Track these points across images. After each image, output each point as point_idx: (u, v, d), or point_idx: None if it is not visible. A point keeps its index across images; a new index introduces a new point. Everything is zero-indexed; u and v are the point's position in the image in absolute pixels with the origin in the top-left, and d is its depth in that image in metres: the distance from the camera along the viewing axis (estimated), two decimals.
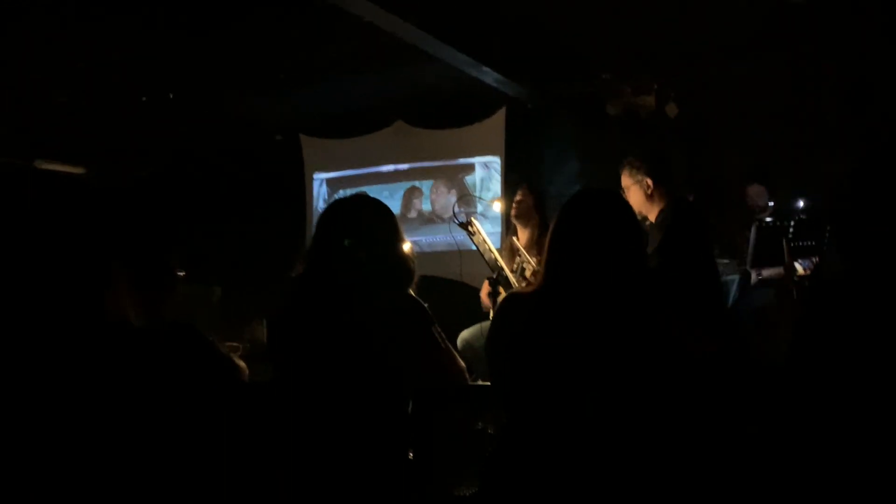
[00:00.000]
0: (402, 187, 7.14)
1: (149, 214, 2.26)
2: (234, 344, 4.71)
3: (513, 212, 4.45)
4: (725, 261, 4.58)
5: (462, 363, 2.29)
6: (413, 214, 7.06)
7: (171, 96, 5.99)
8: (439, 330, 2.26)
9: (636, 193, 3.49)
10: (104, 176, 7.23)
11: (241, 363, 2.41)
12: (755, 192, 5.23)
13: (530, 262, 3.95)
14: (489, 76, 5.46)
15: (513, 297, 2.13)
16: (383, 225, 2.25)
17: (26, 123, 6.36)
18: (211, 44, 5.21)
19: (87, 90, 5.86)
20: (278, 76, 5.83)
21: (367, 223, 2.23)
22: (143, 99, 6.03)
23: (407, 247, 2.32)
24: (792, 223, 4.47)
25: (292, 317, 2.25)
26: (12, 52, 5.13)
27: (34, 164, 6.91)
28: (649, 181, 3.47)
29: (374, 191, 7.11)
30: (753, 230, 4.49)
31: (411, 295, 2.25)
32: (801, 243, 4.46)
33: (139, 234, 2.14)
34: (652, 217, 3.47)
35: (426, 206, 7.01)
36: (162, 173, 7.32)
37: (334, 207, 2.32)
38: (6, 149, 6.76)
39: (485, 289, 4.33)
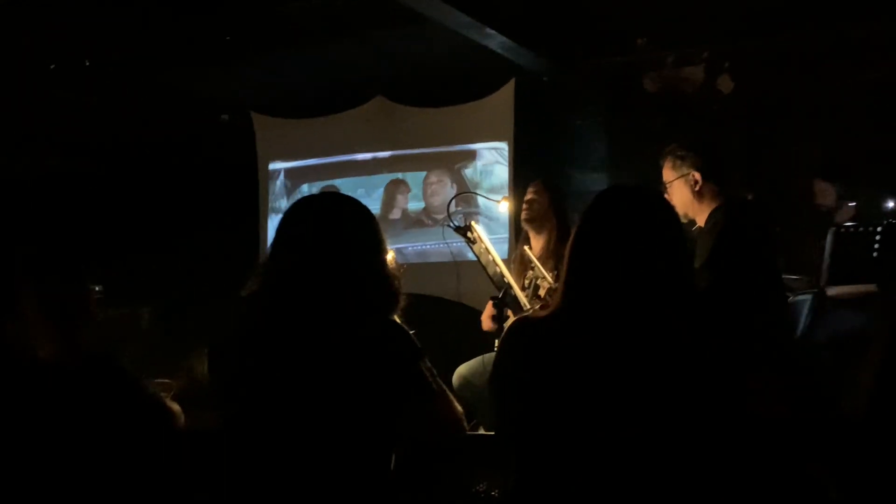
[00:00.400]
0: (382, 181, 7.16)
1: (58, 221, 2.26)
2: (167, 381, 4.71)
3: (524, 214, 4.45)
4: (794, 277, 4.59)
5: (459, 408, 2.29)
6: (396, 215, 7.06)
7: (88, 64, 5.97)
8: (430, 366, 2.26)
9: (681, 191, 3.50)
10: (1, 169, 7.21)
11: (175, 406, 2.41)
12: (820, 189, 5.29)
13: (546, 278, 3.96)
14: (494, 41, 5.48)
15: (523, 322, 2.13)
16: (361, 231, 2.24)
17: None
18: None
19: None
20: (224, 39, 5.83)
21: (340, 229, 2.23)
22: (52, 66, 6.02)
23: (389, 257, 2.33)
24: (879, 229, 4.49)
25: (244, 346, 2.24)
26: None
27: None
28: (697, 175, 3.48)
29: (348, 185, 7.13)
30: (830, 238, 4.51)
31: (395, 322, 2.25)
32: (889, 254, 4.47)
33: (46, 248, 2.14)
34: (701, 221, 3.48)
35: (413, 205, 7.01)
36: (75, 165, 7.30)
37: (297, 209, 2.30)
38: None
39: (488, 311, 4.33)
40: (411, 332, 2.25)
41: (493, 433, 2.63)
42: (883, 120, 5.49)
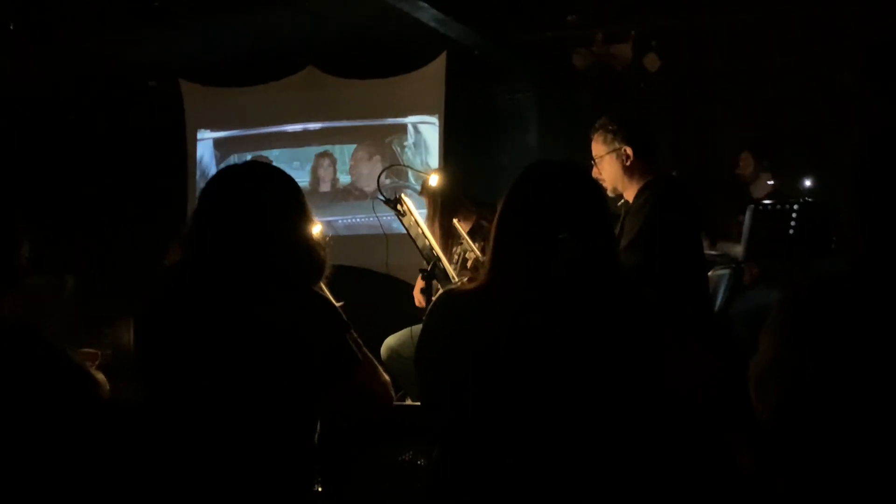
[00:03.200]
0: (312, 152, 7.10)
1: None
2: (91, 350, 4.62)
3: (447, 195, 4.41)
4: (714, 252, 4.66)
5: (386, 378, 2.29)
6: (326, 187, 7.02)
7: (11, 27, 5.82)
8: (356, 336, 2.25)
9: (611, 165, 3.49)
10: None
11: (100, 375, 2.38)
12: (742, 160, 5.39)
13: (474, 251, 3.96)
14: (426, 13, 5.45)
15: (450, 294, 2.14)
16: (283, 202, 2.22)
17: None
18: None
19: None
20: (153, 5, 5.72)
21: (264, 198, 2.20)
22: None
23: (317, 230, 2.31)
24: (795, 207, 4.57)
25: (165, 317, 2.21)
26: None
27: None
28: (629, 150, 3.47)
29: (282, 157, 7.06)
30: (748, 214, 4.58)
31: (320, 294, 2.24)
32: (805, 232, 4.56)
33: None
34: (629, 196, 3.48)
35: (344, 178, 6.98)
36: None
37: (222, 177, 2.28)
38: None
39: (419, 285, 4.33)
40: (338, 304, 2.24)
41: (419, 403, 2.62)
42: (803, 100, 5.60)
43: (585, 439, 1.86)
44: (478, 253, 3.92)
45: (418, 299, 4.42)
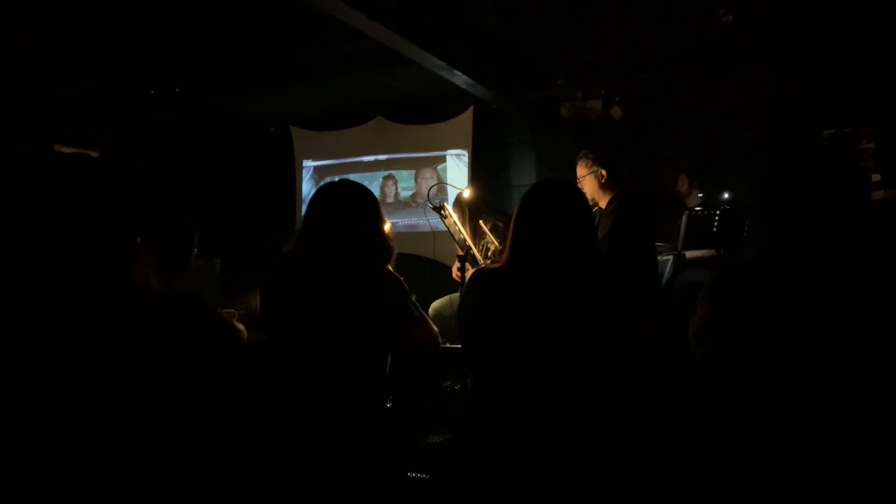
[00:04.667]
0: (380, 175, 7.09)
1: (168, 196, 2.21)
2: (231, 311, 4.65)
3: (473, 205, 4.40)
4: (660, 244, 4.62)
5: (435, 329, 2.28)
6: (390, 200, 7.02)
7: (177, 90, 5.87)
8: (414, 301, 2.25)
9: (590, 182, 3.49)
10: (114, 163, 7.07)
11: (241, 326, 2.39)
12: (681, 179, 5.36)
13: (494, 243, 3.94)
14: (459, 79, 5.43)
15: (481, 272, 2.13)
16: (366, 206, 2.22)
17: (46, 113, 6.21)
18: (215, 46, 5.12)
19: (100, 84, 5.73)
20: (273, 75, 5.75)
21: (352, 205, 2.20)
22: (152, 92, 5.90)
23: (387, 227, 2.30)
24: (717, 213, 4.51)
25: (284, 287, 2.22)
26: (35, 49, 4.99)
27: (53, 148, 6.75)
28: (604, 171, 3.47)
29: (355, 178, 7.04)
30: (685, 218, 4.52)
31: (389, 270, 2.24)
32: (724, 230, 4.50)
33: (162, 213, 2.09)
34: (603, 204, 3.48)
35: (403, 193, 6.97)
36: (168, 161, 7.19)
37: (323, 191, 2.27)
38: (27, 135, 6.60)
39: (456, 265, 4.32)
40: (402, 279, 2.24)
41: (455, 347, 2.61)
42: (723, 137, 5.54)
43: (577, 371, 1.84)
44: (497, 244, 3.90)
45: (455, 275, 4.41)
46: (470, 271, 3.91)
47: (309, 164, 7.37)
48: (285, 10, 4.51)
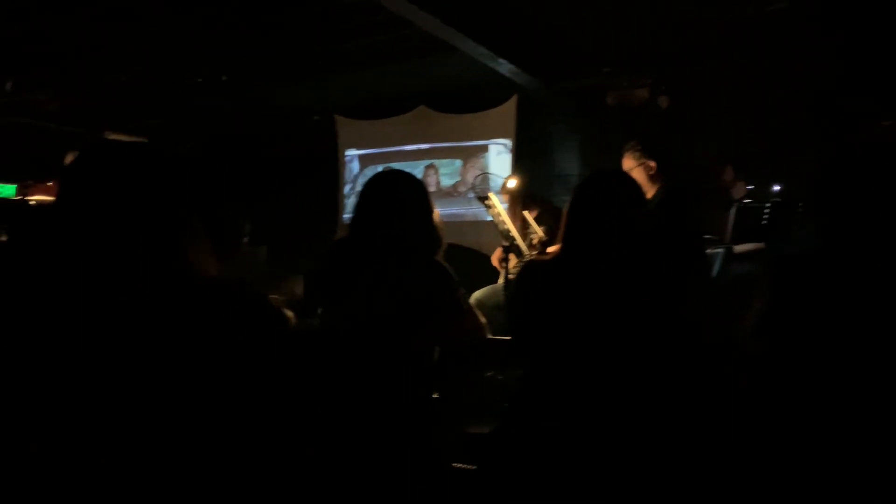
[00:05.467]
0: (422, 164, 7.09)
1: (219, 182, 2.22)
2: (277, 297, 4.69)
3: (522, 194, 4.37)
4: (708, 236, 4.52)
5: (483, 321, 2.26)
6: (432, 189, 7.00)
7: (224, 79, 5.92)
8: (462, 292, 2.23)
9: (639, 174, 3.42)
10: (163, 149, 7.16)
11: (289, 312, 2.39)
12: (728, 172, 5.23)
13: (538, 233, 3.91)
14: (504, 67, 5.37)
15: (532, 264, 2.09)
16: (417, 197, 2.20)
17: (97, 99, 6.32)
18: (260, 35, 5.15)
19: (149, 72, 5.81)
20: (317, 64, 5.76)
21: (404, 195, 2.18)
22: (199, 80, 5.97)
23: (436, 217, 2.28)
24: (767, 205, 4.41)
25: (333, 277, 2.22)
26: (86, 37, 5.08)
27: (104, 134, 6.88)
28: (652, 164, 3.41)
29: (397, 166, 7.06)
30: (733, 211, 4.42)
31: (439, 261, 2.22)
32: (774, 223, 4.40)
33: (215, 199, 2.10)
34: (649, 196, 3.41)
35: (444, 182, 6.95)
36: (215, 148, 7.29)
37: (374, 181, 2.26)
38: (79, 121, 6.74)
39: (497, 255, 4.29)
40: (450, 269, 2.22)
41: (498, 338, 2.59)
42: (774, 128, 5.41)
43: (630, 364, 1.80)
44: (541, 234, 3.87)
45: (495, 263, 4.38)
46: (513, 261, 3.89)
47: (352, 152, 7.39)
48: None
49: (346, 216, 7.20)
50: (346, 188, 7.36)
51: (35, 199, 4.80)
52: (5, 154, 6.44)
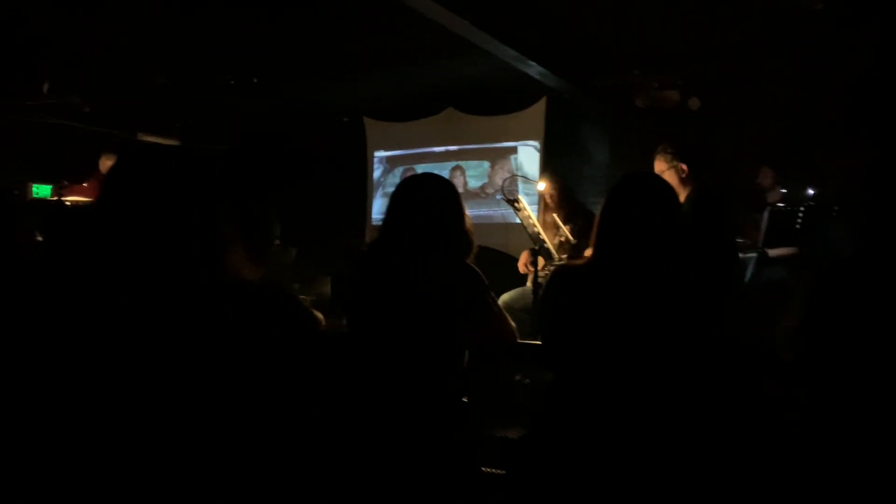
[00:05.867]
0: (449, 166, 7.08)
1: (251, 184, 2.24)
2: (304, 297, 4.73)
3: (547, 200, 4.34)
4: (740, 240, 4.47)
5: (513, 325, 2.25)
6: (459, 190, 6.98)
7: (255, 81, 5.98)
8: (493, 295, 2.22)
9: (671, 177, 3.38)
10: (193, 149, 7.26)
11: (319, 314, 2.40)
12: (763, 172, 5.14)
13: (568, 237, 3.89)
14: (533, 69, 5.35)
15: (564, 269, 2.07)
16: (449, 201, 2.20)
17: (129, 101, 6.41)
18: (289, 36, 5.19)
19: (181, 73, 5.88)
20: (346, 65, 5.79)
21: (436, 198, 2.18)
22: (231, 82, 6.03)
23: (468, 221, 2.28)
24: (801, 209, 4.34)
25: (364, 279, 2.22)
26: (119, 40, 5.16)
27: (137, 136, 6.99)
28: (684, 167, 3.37)
29: (424, 168, 7.08)
30: (766, 214, 4.36)
31: (470, 264, 2.21)
32: (808, 227, 4.34)
33: (247, 201, 2.12)
34: (682, 198, 3.37)
35: (471, 184, 6.94)
36: (245, 149, 7.36)
37: (407, 184, 2.26)
38: (111, 122, 6.84)
39: (525, 257, 4.27)
40: (481, 273, 2.21)
41: (525, 342, 2.57)
42: (807, 130, 5.32)
43: (662, 370, 1.78)
44: (570, 237, 3.85)
45: (522, 268, 4.36)
46: (542, 265, 3.87)
47: (380, 154, 7.42)
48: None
49: (375, 217, 7.22)
50: (374, 189, 7.39)
51: (70, 199, 4.89)
52: (42, 155, 6.57)
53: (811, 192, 5.05)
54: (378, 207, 7.27)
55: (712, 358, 1.88)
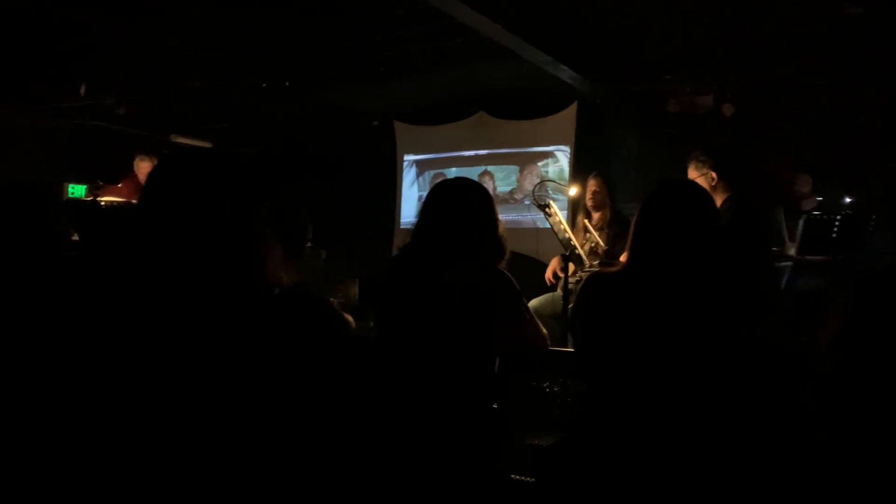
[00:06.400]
0: (478, 171, 7.07)
1: (286, 188, 2.25)
2: (332, 299, 4.74)
3: (590, 201, 4.31)
4: (774, 249, 4.40)
5: (544, 332, 2.24)
6: None
7: (287, 84, 6.03)
8: (525, 302, 2.21)
9: (703, 184, 3.35)
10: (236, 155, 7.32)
11: (349, 317, 2.41)
12: (801, 179, 5.05)
13: (599, 243, 3.86)
14: (565, 73, 5.33)
15: (597, 276, 2.06)
16: (484, 206, 2.19)
17: (163, 103, 6.50)
18: (320, 39, 5.22)
19: (215, 77, 5.95)
20: (378, 69, 5.82)
21: (471, 204, 2.17)
22: (263, 85, 6.09)
23: (502, 227, 2.27)
24: (838, 217, 4.26)
25: (397, 284, 2.22)
26: (154, 44, 5.24)
27: (170, 137, 7.08)
28: (714, 174, 3.35)
29: (453, 173, 7.08)
30: (802, 222, 4.29)
31: (502, 270, 2.20)
32: (844, 236, 4.26)
33: (284, 205, 2.14)
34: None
35: (500, 188, 6.92)
36: (276, 153, 7.42)
37: (440, 188, 2.26)
38: (146, 124, 6.95)
39: (554, 264, 4.25)
40: (513, 279, 2.20)
41: (555, 349, 2.56)
42: (842, 138, 5.23)
43: (698, 380, 1.75)
44: (602, 243, 3.82)
45: (549, 275, 4.33)
46: (572, 270, 3.84)
47: (410, 158, 7.43)
48: (393, 3, 4.54)
49: (403, 221, 7.24)
50: (403, 193, 7.40)
51: (105, 199, 4.97)
52: (77, 156, 6.69)
53: (848, 200, 4.96)
54: (407, 211, 7.28)
55: (750, 369, 1.85)
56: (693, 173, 3.42)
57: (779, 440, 2.10)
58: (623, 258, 2.06)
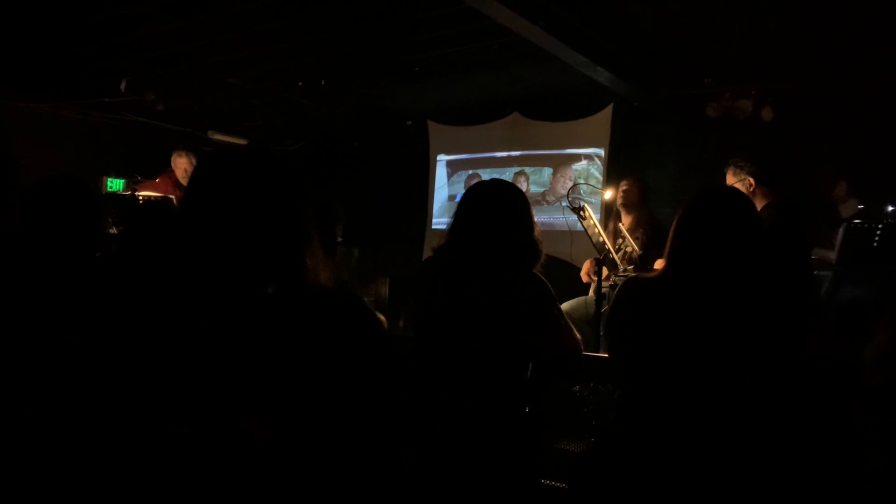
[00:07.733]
0: (511, 172, 7.05)
1: (321, 186, 2.27)
2: (364, 297, 4.76)
3: (620, 199, 4.29)
4: (814, 257, 4.31)
5: (578, 337, 2.22)
6: None
7: (323, 83, 6.07)
8: (560, 307, 2.19)
9: (741, 190, 3.31)
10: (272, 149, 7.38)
11: (382, 317, 2.42)
12: (839, 187, 4.95)
13: (633, 247, 3.82)
14: (602, 76, 5.28)
15: (634, 281, 2.04)
16: (520, 209, 2.18)
17: (201, 100, 6.59)
18: (357, 39, 5.25)
19: (254, 75, 6.02)
20: (413, 69, 5.83)
21: (506, 207, 2.17)
22: (300, 84, 6.14)
23: (537, 230, 2.26)
24: (880, 226, 4.16)
25: (432, 286, 2.22)
26: (195, 42, 5.32)
27: (207, 133, 7.17)
28: (751, 180, 3.30)
29: (487, 173, 7.07)
30: (842, 230, 4.20)
31: (538, 274, 2.19)
32: (886, 245, 4.15)
33: (320, 203, 2.15)
34: None
35: (534, 189, 6.89)
36: (309, 150, 7.47)
37: (476, 190, 2.25)
38: (184, 120, 7.05)
39: (587, 267, 4.22)
40: (549, 284, 2.18)
41: (588, 354, 2.53)
42: (885, 144, 5.12)
43: (737, 388, 1.73)
44: (637, 249, 3.78)
45: (584, 277, 4.30)
46: (605, 274, 3.81)
47: (443, 158, 7.44)
48: (431, 4, 4.55)
49: (435, 220, 7.24)
50: (436, 193, 7.41)
51: (143, 194, 5.05)
52: (116, 150, 6.81)
53: (891, 208, 4.85)
54: (439, 210, 7.29)
55: (790, 377, 1.82)
56: (731, 179, 3.37)
57: (824, 454, 2.07)
58: (658, 264, 2.03)
